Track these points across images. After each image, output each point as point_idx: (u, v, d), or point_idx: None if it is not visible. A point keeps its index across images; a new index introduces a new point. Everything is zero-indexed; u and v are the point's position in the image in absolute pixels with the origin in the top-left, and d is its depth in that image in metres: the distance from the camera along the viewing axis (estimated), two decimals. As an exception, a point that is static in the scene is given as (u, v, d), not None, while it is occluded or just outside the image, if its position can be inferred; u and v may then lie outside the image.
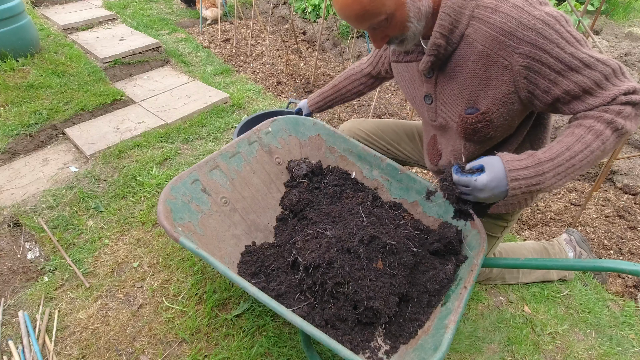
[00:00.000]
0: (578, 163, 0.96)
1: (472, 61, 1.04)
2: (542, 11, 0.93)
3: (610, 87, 0.98)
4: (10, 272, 1.73)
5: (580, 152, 0.96)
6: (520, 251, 1.68)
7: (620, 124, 0.96)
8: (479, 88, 1.08)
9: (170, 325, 1.56)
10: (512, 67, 0.99)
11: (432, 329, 1.12)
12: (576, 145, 0.96)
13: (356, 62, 1.70)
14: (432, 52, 1.07)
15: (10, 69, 3.14)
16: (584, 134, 0.96)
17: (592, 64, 0.96)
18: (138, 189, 2.19)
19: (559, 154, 0.96)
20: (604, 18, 4.42)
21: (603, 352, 1.52)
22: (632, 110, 0.97)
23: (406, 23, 1.00)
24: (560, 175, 0.97)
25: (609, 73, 0.97)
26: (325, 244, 1.24)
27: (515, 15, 0.94)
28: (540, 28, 0.93)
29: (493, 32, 0.97)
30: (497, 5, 0.96)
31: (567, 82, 0.97)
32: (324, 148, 1.73)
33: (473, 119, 1.13)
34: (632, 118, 0.98)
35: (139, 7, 4.88)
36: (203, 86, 3.23)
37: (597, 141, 0.96)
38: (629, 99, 0.97)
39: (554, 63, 0.96)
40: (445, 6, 0.99)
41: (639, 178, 2.29)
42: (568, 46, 0.94)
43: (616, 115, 0.96)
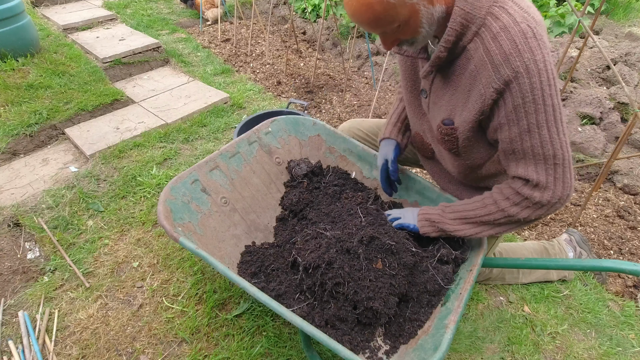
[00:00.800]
0: (464, 216, 1.20)
1: (465, 76, 1.04)
2: (533, 56, 0.91)
3: (524, 166, 1.05)
4: (10, 272, 1.73)
5: (466, 210, 1.20)
6: (520, 251, 1.68)
7: (502, 206, 1.12)
8: (460, 103, 1.09)
9: (170, 325, 1.56)
10: (485, 98, 0.99)
11: (432, 329, 1.12)
12: (466, 205, 1.21)
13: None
14: (434, 63, 1.06)
15: (10, 69, 3.14)
16: (476, 201, 1.19)
17: (535, 135, 0.99)
18: (138, 189, 2.19)
19: (452, 205, 1.25)
20: (604, 18, 4.42)
21: (603, 352, 1.52)
22: (519, 200, 1.08)
23: (419, 29, 0.98)
24: (455, 220, 1.22)
25: (540, 155, 1.01)
26: (325, 244, 1.24)
27: (506, 50, 0.92)
28: (520, 73, 0.92)
29: (485, 58, 0.96)
30: (498, 33, 0.93)
31: (507, 133, 1.02)
32: (323, 148, 1.73)
33: (444, 130, 1.17)
34: (519, 206, 1.09)
35: (139, 7, 4.88)
36: (203, 86, 3.23)
37: (481, 210, 1.17)
38: (521, 190, 1.07)
39: (510, 110, 0.97)
40: (454, 21, 0.96)
41: (639, 178, 2.29)
42: (530, 104, 0.95)
43: (504, 199, 1.11)
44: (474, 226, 1.19)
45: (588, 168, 2.39)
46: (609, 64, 1.58)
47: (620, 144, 1.79)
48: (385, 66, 2.71)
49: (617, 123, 2.62)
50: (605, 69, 3.04)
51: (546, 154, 1.00)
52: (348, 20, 4.03)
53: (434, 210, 1.28)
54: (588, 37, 1.72)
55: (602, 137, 2.51)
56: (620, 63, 3.11)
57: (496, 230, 1.17)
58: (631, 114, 2.46)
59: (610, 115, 2.65)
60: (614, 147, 1.83)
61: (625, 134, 1.78)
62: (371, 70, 3.41)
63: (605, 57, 1.61)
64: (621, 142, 1.79)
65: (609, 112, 2.66)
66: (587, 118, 2.66)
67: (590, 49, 3.24)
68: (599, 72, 3.05)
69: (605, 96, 2.72)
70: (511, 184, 1.10)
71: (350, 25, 4.03)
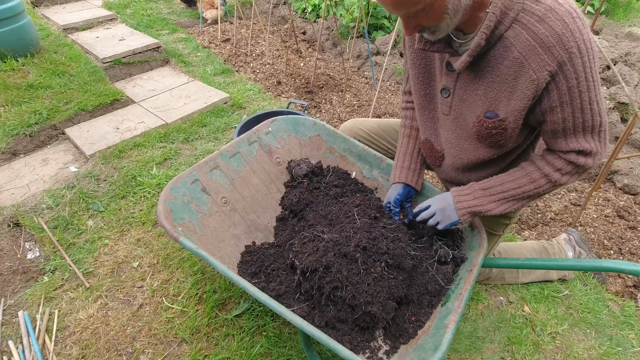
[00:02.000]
0: (510, 195, 1.18)
1: (505, 65, 1.01)
2: (582, 35, 0.92)
3: (576, 140, 1.08)
4: (10, 272, 1.73)
5: (511, 189, 1.17)
6: (520, 251, 1.68)
7: (554, 178, 1.13)
8: (504, 94, 1.05)
9: (170, 325, 1.56)
10: (538, 82, 0.98)
11: (432, 329, 1.12)
12: (509, 183, 1.18)
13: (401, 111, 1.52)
14: (473, 53, 1.02)
15: (10, 69, 3.14)
16: (520, 177, 1.17)
17: (587, 110, 1.02)
18: (138, 189, 2.19)
19: (491, 185, 1.20)
20: (604, 18, 4.42)
21: (603, 352, 1.52)
22: (572, 168, 1.12)
23: (443, 15, 0.95)
24: (495, 200, 1.19)
25: (589, 126, 1.05)
26: (322, 247, 1.23)
27: (558, 30, 0.91)
28: (574, 53, 0.92)
29: (533, 42, 0.94)
30: (544, 15, 0.92)
31: (560, 114, 1.03)
32: (324, 148, 1.73)
33: (490, 124, 1.11)
34: (570, 174, 1.13)
35: (139, 7, 4.88)
36: (203, 86, 3.23)
37: (530, 185, 1.16)
38: (575, 160, 1.10)
39: (564, 92, 0.99)
40: (495, 6, 0.94)
41: (639, 178, 2.29)
42: (584, 82, 0.97)
43: (555, 171, 1.13)
44: (517, 201, 1.18)
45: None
46: (609, 64, 1.58)
47: (620, 144, 1.79)
48: (385, 66, 2.71)
49: (617, 123, 2.62)
50: (605, 69, 3.04)
51: (595, 124, 1.04)
52: (348, 20, 4.03)
53: (473, 199, 1.22)
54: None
55: (602, 137, 2.50)
56: (620, 63, 3.11)
57: (536, 199, 1.19)
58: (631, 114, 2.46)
59: (610, 115, 2.65)
60: (614, 147, 1.83)
61: (625, 134, 1.78)
62: (371, 70, 3.41)
63: (605, 57, 1.61)
64: (621, 142, 1.79)
65: (609, 112, 2.66)
66: (587, 118, 2.66)
67: (590, 49, 3.23)
68: (599, 72, 3.05)
69: (605, 96, 2.72)
70: (562, 156, 1.11)
71: (350, 25, 4.03)
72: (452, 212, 1.24)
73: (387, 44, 3.67)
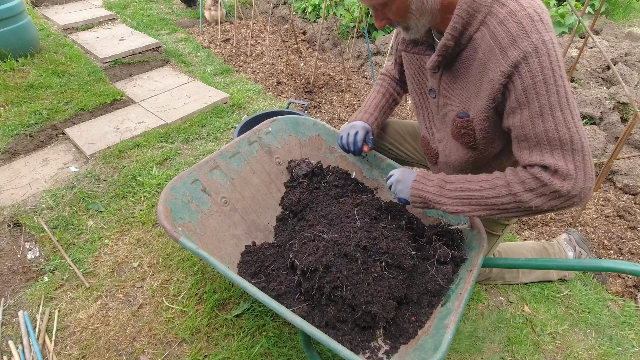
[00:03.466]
0: (468, 196, 1.09)
1: (474, 66, 1.04)
2: (541, 36, 0.91)
3: (540, 153, 0.98)
4: (10, 272, 1.73)
5: (471, 189, 1.09)
6: (520, 251, 1.68)
7: (514, 190, 1.01)
8: (472, 95, 1.08)
9: (170, 325, 1.55)
10: (494, 83, 0.99)
11: (432, 329, 1.12)
12: (471, 183, 1.09)
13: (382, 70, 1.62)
14: (440, 53, 1.06)
15: (10, 69, 3.14)
16: (484, 180, 1.08)
17: (548, 117, 0.94)
18: (138, 189, 2.19)
19: (455, 180, 1.13)
20: (604, 18, 4.42)
21: (603, 352, 1.52)
22: (536, 185, 0.99)
23: (406, 13, 1.00)
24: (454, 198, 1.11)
25: (556, 140, 0.95)
26: (322, 247, 1.23)
27: (513, 32, 0.93)
28: (529, 53, 0.91)
29: (492, 43, 0.97)
30: (504, 17, 0.94)
31: (519, 117, 0.98)
32: (324, 148, 1.73)
33: (460, 124, 1.15)
34: (534, 193, 1.00)
35: (139, 7, 4.88)
36: (203, 86, 3.23)
37: (490, 191, 1.05)
38: (540, 175, 0.98)
39: (520, 92, 0.95)
40: (460, 8, 0.97)
41: (639, 178, 2.29)
42: (541, 84, 0.92)
43: (518, 182, 1.01)
44: (476, 208, 1.09)
45: (588, 168, 2.38)
46: (609, 64, 1.58)
47: (620, 144, 1.79)
48: (385, 66, 2.71)
49: (617, 123, 2.62)
50: (605, 69, 3.04)
51: (562, 138, 0.94)
52: (348, 20, 4.03)
53: (431, 187, 1.16)
54: (588, 37, 1.72)
55: (602, 137, 2.51)
56: (620, 63, 3.11)
57: (499, 214, 1.07)
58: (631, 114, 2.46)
59: (610, 115, 2.65)
60: (614, 147, 1.83)
61: (625, 134, 1.78)
62: (371, 70, 3.41)
63: (605, 57, 1.61)
64: (621, 142, 1.79)
65: (609, 112, 2.66)
66: (587, 118, 2.66)
67: (590, 49, 3.24)
68: (599, 72, 3.05)
69: (605, 96, 2.72)
70: (528, 169, 1.01)
71: (350, 25, 4.03)
72: (405, 188, 1.22)
73: (387, 44, 3.67)
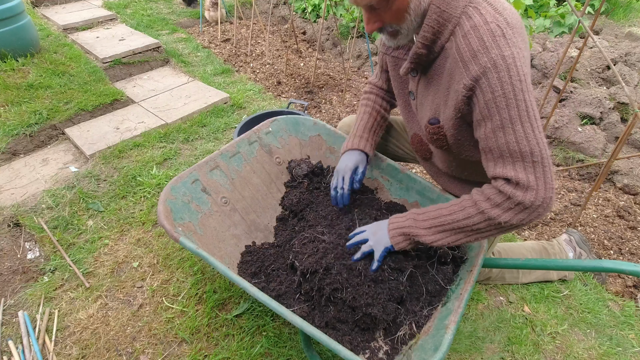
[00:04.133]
0: (441, 222, 1.09)
1: (444, 75, 1.06)
2: (501, 52, 0.91)
3: (503, 165, 0.99)
4: (10, 272, 1.73)
5: (443, 215, 1.10)
6: (520, 251, 1.68)
7: (482, 207, 1.03)
8: (442, 103, 1.10)
9: (170, 325, 1.55)
10: (458, 94, 1.01)
11: (433, 330, 1.12)
12: (443, 209, 1.11)
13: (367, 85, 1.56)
14: (412, 60, 1.08)
15: (10, 69, 3.14)
16: (454, 204, 1.10)
17: (509, 130, 0.95)
18: (138, 189, 2.19)
19: (426, 211, 1.14)
20: (604, 18, 4.42)
21: (603, 352, 1.52)
22: (502, 200, 1.00)
23: (404, 13, 0.98)
24: (429, 228, 1.11)
25: (518, 152, 0.96)
26: (322, 248, 1.24)
27: (474, 47, 0.94)
28: (488, 68, 0.92)
29: (457, 56, 0.98)
30: (468, 31, 0.95)
31: (483, 130, 1.00)
32: (324, 148, 1.73)
33: (431, 130, 1.17)
34: (501, 208, 1.01)
35: (139, 7, 4.87)
36: (203, 86, 3.23)
37: (460, 213, 1.07)
38: (503, 189, 0.99)
39: (483, 106, 0.97)
40: (429, 18, 0.98)
41: (639, 178, 2.29)
42: (501, 99, 0.93)
43: (485, 200, 1.03)
44: (451, 234, 1.09)
45: (588, 168, 2.39)
46: (609, 64, 1.58)
47: (620, 144, 1.79)
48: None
49: (617, 123, 2.62)
50: (605, 69, 3.04)
51: (522, 150, 0.96)
52: (348, 20, 4.03)
53: (405, 221, 1.16)
54: (588, 37, 1.72)
55: (602, 137, 2.51)
56: (620, 63, 3.11)
57: (475, 237, 1.08)
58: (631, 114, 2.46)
59: (610, 115, 2.65)
60: (614, 147, 1.83)
61: (625, 134, 1.78)
62: (371, 70, 3.40)
63: (605, 57, 1.61)
64: (621, 142, 1.79)
65: (609, 112, 2.66)
66: (587, 118, 2.66)
67: (590, 49, 3.24)
68: (599, 72, 3.05)
69: (605, 96, 2.72)
70: (493, 183, 1.04)
71: (350, 25, 4.03)
72: (384, 236, 1.18)
73: (387, 44, 3.66)
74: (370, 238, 1.21)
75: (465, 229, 1.07)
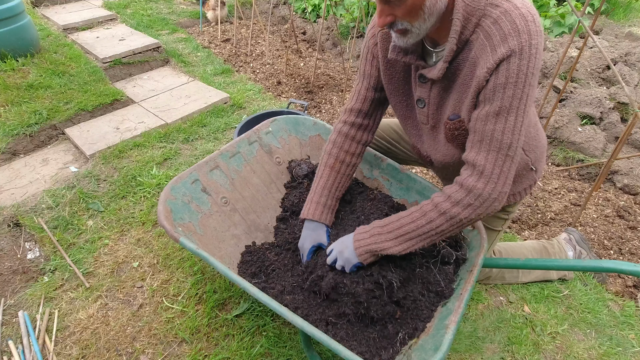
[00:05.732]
0: (405, 231, 1.10)
1: (466, 66, 1.04)
2: (530, 39, 0.92)
3: (476, 150, 1.02)
4: (10, 272, 1.73)
5: (405, 224, 1.10)
6: (520, 251, 1.68)
7: (443, 208, 1.05)
8: (463, 95, 1.08)
9: (170, 325, 1.55)
10: (479, 79, 0.99)
11: (433, 330, 1.12)
12: (404, 219, 1.11)
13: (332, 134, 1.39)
14: (448, 59, 1.04)
15: (10, 69, 3.14)
16: (414, 211, 1.10)
17: (502, 119, 0.96)
18: (138, 189, 2.19)
19: (388, 222, 1.13)
20: (604, 18, 4.42)
21: (603, 352, 1.52)
22: (462, 195, 1.03)
23: (419, 10, 0.96)
24: (394, 239, 1.11)
25: (497, 141, 0.98)
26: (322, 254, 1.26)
27: (506, 30, 0.93)
28: (514, 52, 0.92)
29: (485, 42, 0.97)
30: (498, 17, 0.95)
31: (477, 111, 1.01)
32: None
33: (451, 125, 1.14)
34: (460, 205, 1.03)
35: (139, 7, 4.87)
36: (203, 86, 3.23)
37: (422, 219, 1.08)
38: (465, 181, 1.02)
39: (490, 89, 0.97)
40: (457, 12, 0.97)
41: (639, 178, 2.29)
42: (510, 87, 0.94)
43: (445, 200, 1.05)
44: (417, 241, 1.10)
45: (588, 168, 2.39)
46: (609, 64, 1.58)
47: (620, 144, 1.80)
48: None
49: (617, 123, 2.62)
50: (605, 69, 3.04)
51: (503, 141, 0.98)
52: (348, 20, 4.03)
53: (369, 238, 1.16)
54: (588, 37, 1.72)
55: (602, 137, 2.51)
56: (620, 63, 3.11)
57: (439, 237, 1.10)
58: (631, 114, 2.46)
59: (610, 115, 2.65)
60: (614, 147, 1.83)
61: (625, 134, 1.78)
62: (371, 70, 3.40)
63: (605, 57, 1.61)
64: (621, 142, 1.79)
65: (609, 112, 2.66)
66: (587, 118, 2.66)
67: (590, 49, 3.24)
68: (599, 72, 3.05)
69: (605, 96, 2.72)
70: (456, 178, 1.06)
71: (350, 25, 4.02)
72: (351, 254, 1.18)
73: (387, 44, 3.66)
74: (338, 257, 1.21)
75: (429, 232, 1.09)
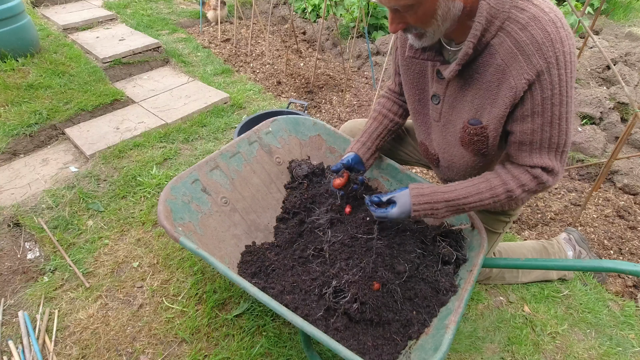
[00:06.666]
0: (467, 207, 1.14)
1: (490, 72, 1.02)
2: (563, 47, 0.92)
3: (539, 155, 1.07)
4: (10, 272, 1.73)
5: (472, 202, 1.13)
6: (519, 251, 1.68)
7: (515, 194, 1.11)
8: (487, 101, 1.07)
9: (170, 325, 1.55)
10: (516, 90, 0.99)
11: (433, 330, 1.12)
12: (472, 195, 1.13)
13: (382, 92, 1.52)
14: (461, 62, 1.03)
15: (10, 69, 3.14)
16: (484, 189, 1.12)
17: (555, 125, 1.02)
18: (138, 189, 2.19)
19: (454, 197, 1.14)
20: (604, 18, 4.42)
21: (603, 352, 1.52)
22: (535, 185, 1.10)
23: (431, 18, 0.95)
24: (451, 210, 1.16)
25: (555, 144, 1.05)
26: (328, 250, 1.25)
27: (539, 39, 0.92)
28: (552, 64, 0.93)
29: (515, 49, 0.95)
30: (527, 23, 0.93)
31: (530, 125, 1.03)
32: (324, 148, 1.73)
33: (472, 131, 1.13)
34: (529, 192, 1.11)
35: (139, 7, 4.87)
36: (203, 86, 3.23)
37: (490, 199, 1.12)
38: (541, 176, 1.08)
39: (538, 102, 0.99)
40: (480, 15, 0.95)
41: (639, 178, 2.29)
42: (557, 96, 0.97)
43: (519, 186, 1.10)
44: (468, 210, 1.17)
45: (588, 168, 2.39)
46: (609, 64, 1.58)
47: (620, 144, 1.80)
48: (385, 66, 2.71)
49: (617, 123, 2.62)
50: (605, 69, 3.04)
51: (560, 142, 1.04)
52: (348, 20, 4.03)
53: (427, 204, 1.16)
54: (588, 37, 1.72)
55: (602, 137, 2.51)
56: (620, 63, 3.11)
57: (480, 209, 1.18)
58: (631, 114, 2.46)
59: (610, 115, 2.65)
60: (614, 147, 1.83)
61: (625, 134, 1.78)
62: (371, 70, 3.41)
63: (605, 57, 1.61)
64: (621, 142, 1.79)
65: (609, 112, 2.66)
66: (587, 118, 2.66)
67: (590, 49, 3.24)
68: (599, 72, 3.05)
69: (605, 96, 2.72)
70: (530, 171, 1.09)
71: (350, 25, 4.03)
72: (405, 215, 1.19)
73: (387, 44, 3.67)
74: (397, 210, 1.19)
75: (486, 206, 1.14)
